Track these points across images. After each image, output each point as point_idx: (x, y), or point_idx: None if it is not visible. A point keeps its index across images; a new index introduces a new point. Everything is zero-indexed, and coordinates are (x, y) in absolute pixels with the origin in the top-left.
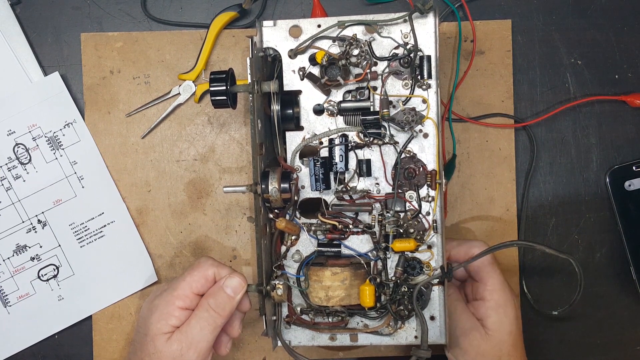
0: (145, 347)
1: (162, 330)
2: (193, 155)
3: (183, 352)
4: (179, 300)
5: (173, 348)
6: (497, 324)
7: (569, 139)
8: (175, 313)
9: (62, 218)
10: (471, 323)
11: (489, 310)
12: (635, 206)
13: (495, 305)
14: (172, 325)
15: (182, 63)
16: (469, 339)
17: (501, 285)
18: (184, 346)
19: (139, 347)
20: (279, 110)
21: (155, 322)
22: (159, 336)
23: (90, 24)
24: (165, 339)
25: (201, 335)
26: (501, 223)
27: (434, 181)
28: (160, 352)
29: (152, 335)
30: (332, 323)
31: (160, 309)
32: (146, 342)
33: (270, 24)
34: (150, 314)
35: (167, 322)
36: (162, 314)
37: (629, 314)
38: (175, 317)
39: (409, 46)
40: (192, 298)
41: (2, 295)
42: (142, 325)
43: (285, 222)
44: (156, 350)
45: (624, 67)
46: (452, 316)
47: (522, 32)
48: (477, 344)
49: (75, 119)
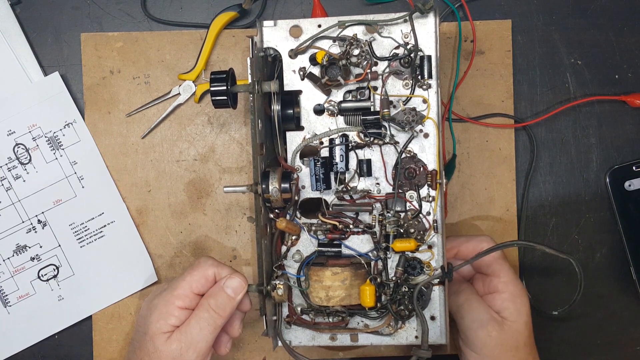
0: (144, 346)
1: (161, 330)
2: (193, 155)
3: (182, 352)
4: (178, 300)
5: (172, 348)
6: (514, 314)
7: (569, 139)
8: (175, 313)
9: (62, 218)
10: (488, 315)
11: (505, 302)
12: (635, 206)
13: (511, 296)
14: (172, 325)
15: (182, 63)
16: (487, 330)
17: (514, 277)
18: (183, 346)
19: (138, 346)
20: (279, 110)
21: (154, 322)
22: (158, 335)
23: (90, 24)
24: (165, 338)
25: (201, 335)
26: (501, 223)
27: (435, 181)
28: (160, 352)
29: (151, 334)
30: (332, 323)
31: (160, 309)
32: (145, 341)
33: (271, 24)
34: (150, 313)
35: (167, 321)
36: (161, 314)
37: (629, 314)
38: (175, 317)
39: (409, 46)
40: (192, 298)
41: (2, 295)
42: (141, 324)
43: (285, 222)
44: (155, 350)
45: (624, 67)
46: (467, 310)
47: (522, 32)
48: (496, 334)
49: (75, 119)
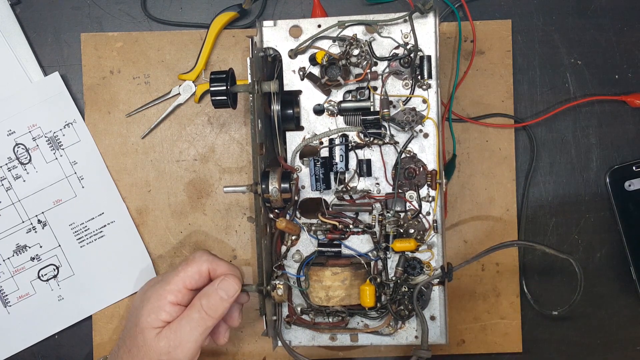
0: (134, 337)
1: (152, 325)
2: (193, 155)
3: (170, 350)
4: (170, 295)
5: (161, 344)
6: None
7: (569, 139)
8: (166, 308)
9: (62, 218)
10: None
11: None
12: (635, 206)
13: None
14: (163, 320)
15: (182, 63)
16: None
17: None
18: (172, 344)
19: (128, 336)
20: (279, 110)
21: (145, 315)
22: (148, 330)
23: (90, 24)
24: (155, 333)
25: (190, 335)
26: (501, 223)
27: (434, 181)
28: (148, 347)
29: (141, 327)
30: (332, 323)
31: (152, 302)
32: (136, 332)
33: (271, 24)
34: (142, 305)
35: (158, 316)
36: (153, 308)
37: (629, 314)
38: (166, 312)
39: (409, 46)
40: (185, 293)
41: (2, 295)
42: (133, 314)
43: (285, 222)
44: (144, 344)
45: (624, 67)
46: None
47: (522, 32)
48: None
49: (75, 119)
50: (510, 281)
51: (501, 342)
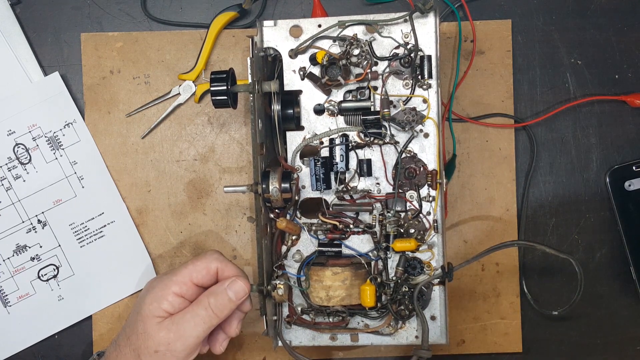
0: (135, 325)
1: (153, 313)
2: (193, 155)
3: (170, 342)
4: (175, 286)
5: (161, 334)
6: None
7: (569, 139)
8: (169, 298)
9: (62, 218)
10: None
11: None
12: (635, 206)
13: None
14: (164, 310)
15: (182, 63)
16: None
17: None
18: (172, 336)
19: (128, 324)
20: (279, 110)
21: (148, 303)
22: (150, 318)
23: (90, 24)
24: (156, 322)
25: (193, 330)
26: (501, 223)
27: (435, 181)
28: (148, 335)
29: (143, 314)
30: (332, 323)
31: (156, 291)
32: (137, 320)
33: (271, 23)
34: (147, 293)
35: (160, 305)
36: (156, 296)
37: (629, 314)
38: (168, 302)
39: (409, 46)
40: (190, 287)
41: (2, 295)
42: (138, 302)
43: (285, 222)
44: (145, 332)
45: (624, 67)
46: None
47: (522, 32)
48: None
49: (75, 119)
50: (510, 281)
51: (501, 342)
